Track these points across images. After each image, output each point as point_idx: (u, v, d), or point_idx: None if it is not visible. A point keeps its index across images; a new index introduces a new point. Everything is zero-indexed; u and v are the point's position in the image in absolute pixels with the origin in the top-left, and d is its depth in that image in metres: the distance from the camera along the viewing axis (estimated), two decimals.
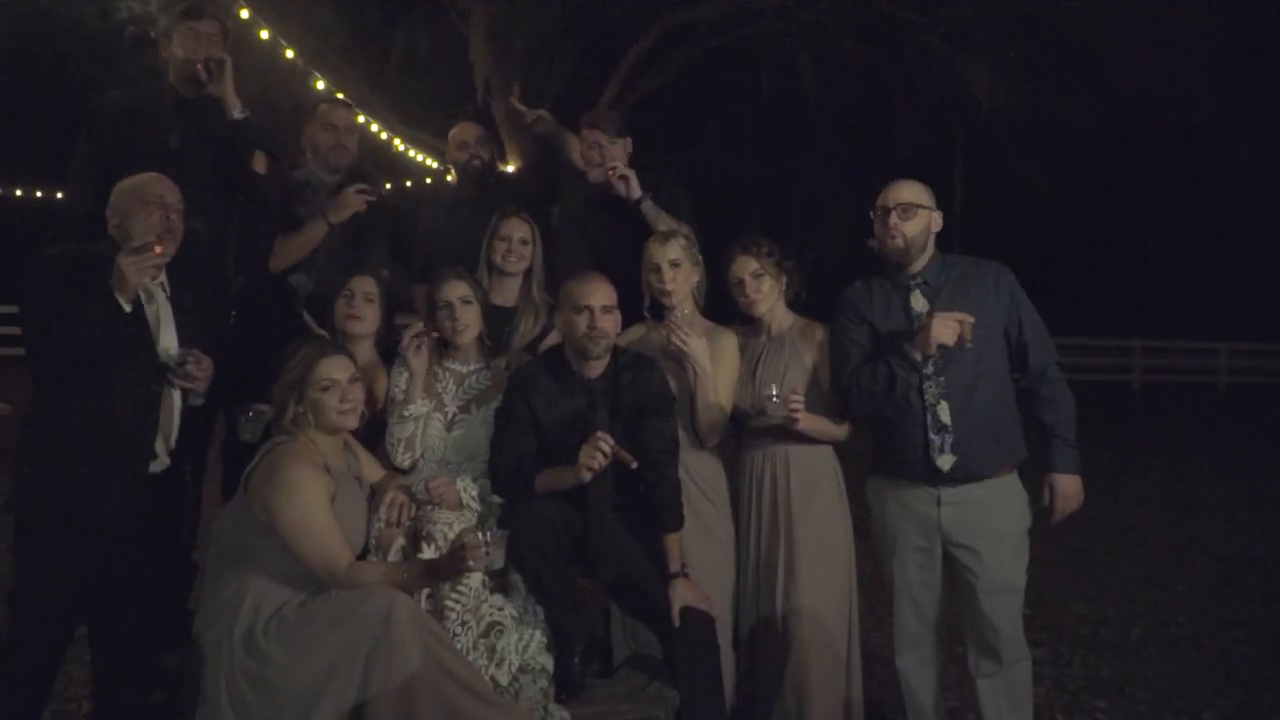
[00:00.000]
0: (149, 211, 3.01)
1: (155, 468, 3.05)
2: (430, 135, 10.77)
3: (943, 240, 3.43)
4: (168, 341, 3.03)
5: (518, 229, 3.68)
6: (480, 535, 2.77)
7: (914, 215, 3.25)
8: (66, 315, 2.81)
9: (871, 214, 3.34)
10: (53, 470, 2.91)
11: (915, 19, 10.13)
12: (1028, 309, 3.28)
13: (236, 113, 3.62)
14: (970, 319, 3.09)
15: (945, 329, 3.08)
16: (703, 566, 3.35)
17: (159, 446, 3.04)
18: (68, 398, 2.92)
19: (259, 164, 3.81)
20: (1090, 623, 5.17)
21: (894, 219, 3.24)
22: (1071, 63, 10.16)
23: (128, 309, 2.88)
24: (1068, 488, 3.27)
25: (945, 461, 3.18)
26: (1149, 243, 24.83)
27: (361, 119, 9.33)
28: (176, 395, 3.07)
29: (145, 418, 3.01)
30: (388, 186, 11.09)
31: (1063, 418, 3.26)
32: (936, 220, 3.33)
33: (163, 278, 3.06)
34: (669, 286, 3.46)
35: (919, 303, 3.27)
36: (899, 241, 3.25)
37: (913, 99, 11.99)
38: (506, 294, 3.71)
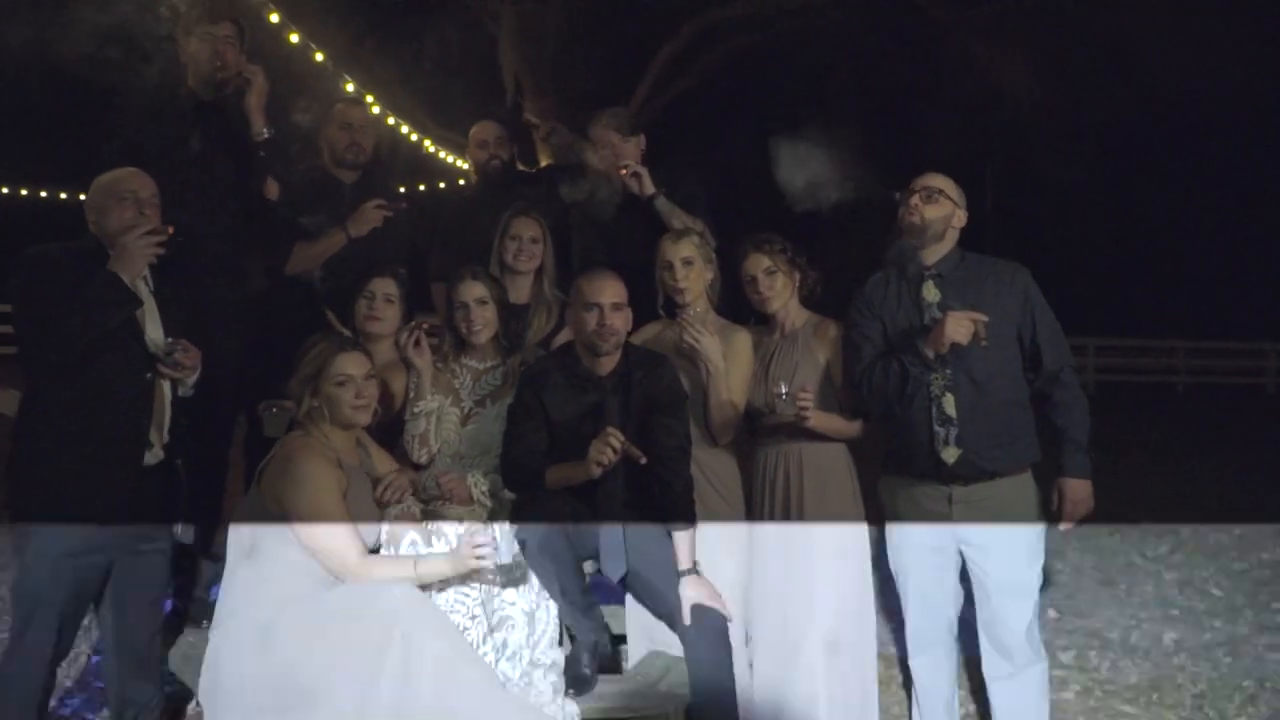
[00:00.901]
0: (123, 207, 3.04)
1: (150, 459, 3.08)
2: (461, 136, 10.81)
3: (975, 238, 3.40)
4: (154, 333, 3.06)
5: (528, 228, 3.72)
6: (489, 531, 2.79)
7: (937, 201, 3.25)
8: (69, 303, 2.84)
9: (896, 196, 3.33)
10: (50, 464, 2.94)
11: (948, 16, 10.03)
12: (1043, 311, 3.25)
13: (264, 131, 3.66)
14: (984, 318, 3.06)
15: (959, 327, 3.05)
16: (715, 564, 3.33)
17: (153, 437, 3.07)
18: (63, 391, 2.95)
19: (270, 190, 3.85)
20: (1122, 627, 5.06)
21: (916, 200, 3.26)
22: (1108, 58, 10.00)
23: (132, 287, 2.93)
24: (1077, 492, 3.23)
25: (950, 454, 3.16)
26: (1191, 242, 24.32)
27: (391, 121, 9.46)
28: (166, 386, 3.11)
29: (140, 408, 3.04)
30: (420, 187, 11.20)
31: (1075, 422, 3.22)
32: (960, 217, 3.32)
33: (145, 271, 3.07)
34: (681, 284, 3.47)
35: (931, 293, 3.25)
36: (915, 219, 3.24)
37: (946, 97, 11.89)
38: (519, 292, 3.74)
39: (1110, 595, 5.58)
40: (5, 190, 16.21)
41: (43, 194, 16.10)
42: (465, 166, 11.54)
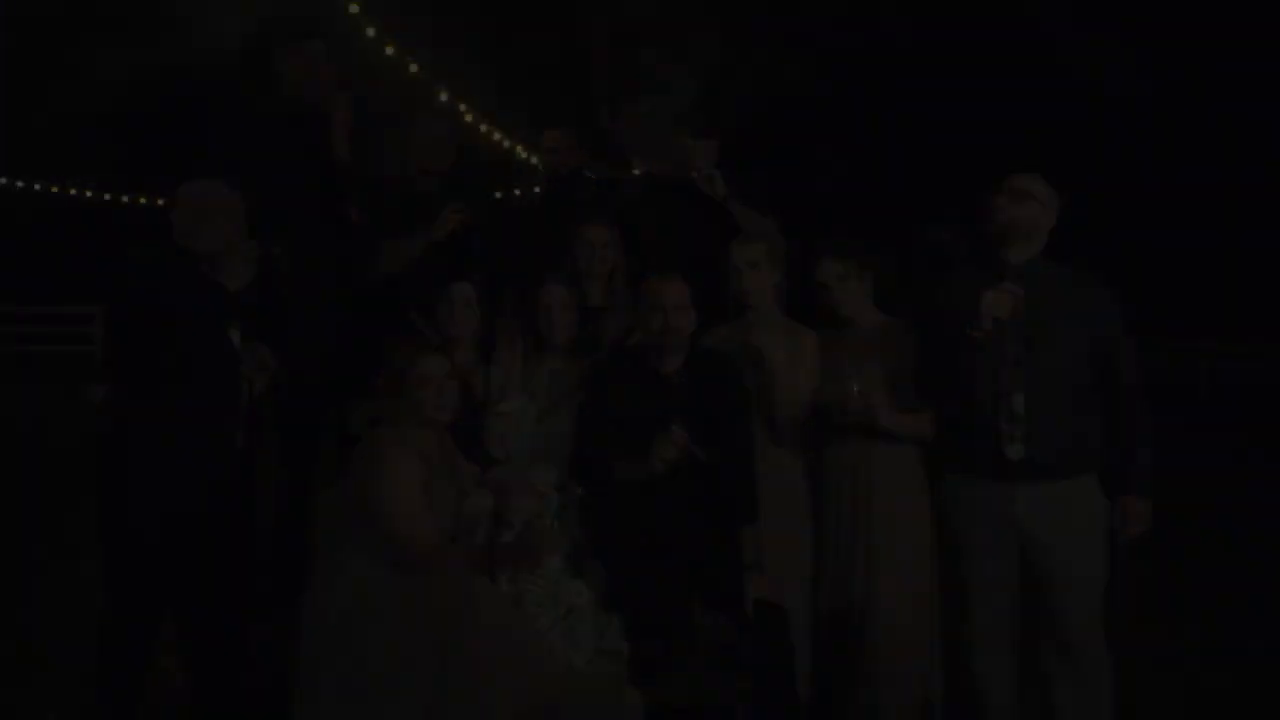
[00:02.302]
0: (214, 226, 3.21)
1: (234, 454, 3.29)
2: None
3: (1077, 238, 3.42)
4: (232, 334, 3.26)
5: (598, 233, 3.83)
6: (549, 522, 2.92)
7: (1024, 202, 3.25)
8: (170, 310, 3.06)
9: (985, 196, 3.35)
10: (145, 459, 3.13)
11: (1040, 6, 9.80)
12: (1122, 329, 3.24)
13: (343, 154, 3.83)
14: (1021, 291, 3.07)
15: (998, 302, 3.09)
16: (780, 561, 3.40)
17: (238, 433, 3.27)
18: (159, 388, 3.14)
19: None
20: (1206, 634, 4.93)
21: (1002, 199, 3.27)
22: (1205, 42, 9.59)
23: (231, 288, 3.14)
24: (1138, 512, 3.21)
25: (1015, 451, 3.16)
26: None
27: (484, 128, 9.73)
28: (245, 384, 3.30)
29: (228, 405, 3.24)
30: (515, 192, 11.47)
31: (1140, 441, 3.21)
32: (1049, 218, 3.30)
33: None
34: (748, 286, 3.54)
35: None
36: (1001, 217, 3.25)
37: (1039, 89, 11.62)
38: (592, 295, 3.84)
39: (1195, 602, 5.43)
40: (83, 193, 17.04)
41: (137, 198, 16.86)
42: None
